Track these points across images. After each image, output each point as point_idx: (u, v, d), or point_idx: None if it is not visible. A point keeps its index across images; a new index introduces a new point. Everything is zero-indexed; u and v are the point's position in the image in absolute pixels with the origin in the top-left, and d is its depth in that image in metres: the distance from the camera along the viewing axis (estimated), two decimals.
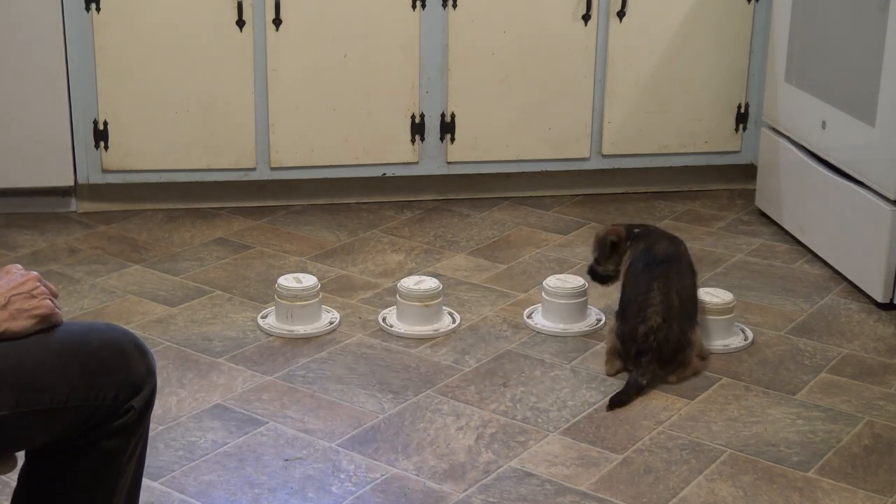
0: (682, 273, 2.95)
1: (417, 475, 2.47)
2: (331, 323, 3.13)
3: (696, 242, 3.78)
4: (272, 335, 3.09)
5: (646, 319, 2.83)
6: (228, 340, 3.05)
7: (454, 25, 3.86)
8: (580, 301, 3.15)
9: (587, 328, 3.13)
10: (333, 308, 3.21)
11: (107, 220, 3.86)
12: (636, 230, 3.07)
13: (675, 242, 3.02)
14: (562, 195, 4.17)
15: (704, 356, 2.93)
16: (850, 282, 3.44)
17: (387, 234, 3.80)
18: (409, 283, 3.15)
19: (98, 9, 3.68)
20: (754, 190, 4.06)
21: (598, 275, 3.12)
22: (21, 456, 1.85)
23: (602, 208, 4.07)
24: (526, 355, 3.00)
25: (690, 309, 2.93)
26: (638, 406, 2.76)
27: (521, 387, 2.85)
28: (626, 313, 2.90)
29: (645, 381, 2.79)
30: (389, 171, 3.97)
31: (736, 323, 3.11)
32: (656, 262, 2.93)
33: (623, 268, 3.02)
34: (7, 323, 1.75)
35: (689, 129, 4.10)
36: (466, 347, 3.04)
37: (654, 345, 2.81)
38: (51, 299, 1.80)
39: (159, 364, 2.90)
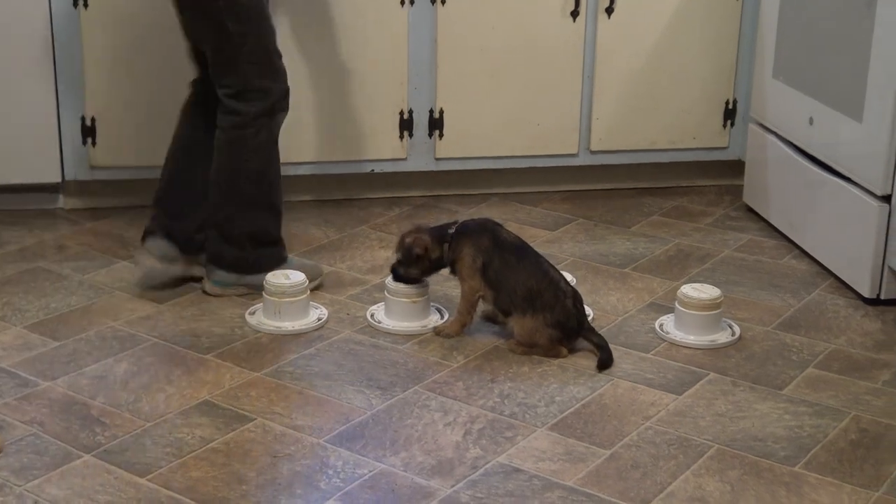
0: (535, 251, 3.08)
1: (405, 471, 2.47)
2: (319, 319, 3.13)
3: (685, 238, 3.78)
4: (260, 331, 3.08)
5: (566, 294, 2.96)
6: (216, 337, 3.05)
7: (442, 22, 3.86)
8: None
9: None
10: (321, 304, 3.21)
11: (94, 216, 3.86)
12: (450, 231, 3.03)
13: (502, 226, 3.06)
14: (550, 191, 4.17)
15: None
16: (837, 277, 3.45)
17: (375, 230, 3.80)
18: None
19: (86, 5, 3.67)
20: (742, 186, 4.07)
21: (399, 276, 3.08)
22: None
23: (590, 204, 4.07)
24: (514, 351, 3.00)
25: None
26: (625, 401, 2.76)
27: (509, 382, 2.85)
28: (539, 303, 2.94)
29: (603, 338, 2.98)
30: (377, 168, 3.97)
31: (723, 318, 3.12)
32: (519, 248, 3.02)
33: (468, 270, 3.00)
34: None
35: (677, 125, 4.11)
36: (454, 343, 3.04)
37: (582, 307, 3.00)
38: None
39: (146, 360, 2.91)
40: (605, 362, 2.92)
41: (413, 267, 3.06)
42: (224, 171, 3.21)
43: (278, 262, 3.26)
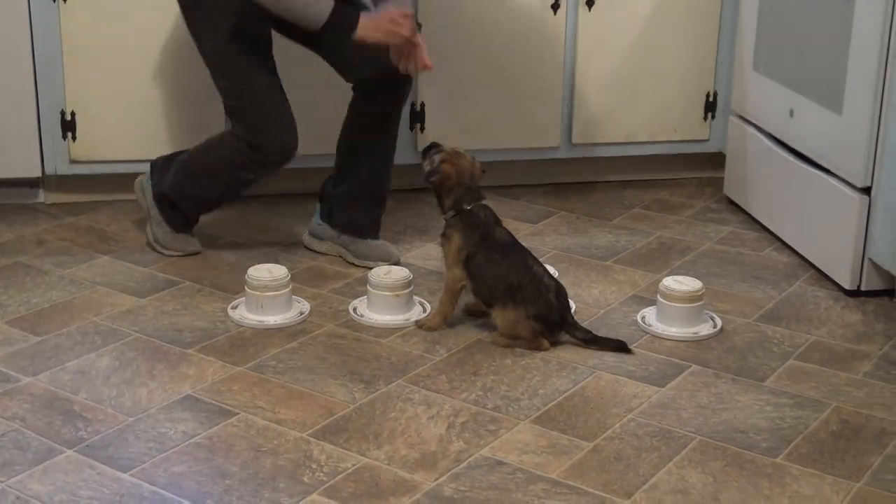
0: (524, 249, 3.07)
1: (389, 464, 2.47)
2: (301, 313, 3.13)
3: (666, 231, 3.79)
4: (242, 326, 3.08)
5: (548, 288, 2.97)
6: (198, 331, 3.04)
7: (424, 15, 3.86)
8: None
9: None
10: (304, 298, 3.21)
11: (75, 211, 3.84)
12: (465, 206, 3.03)
13: (499, 224, 3.06)
14: (531, 184, 4.18)
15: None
16: (817, 269, 3.47)
17: None
18: (380, 272, 3.15)
19: None
20: (723, 178, 4.09)
21: (425, 154, 3.12)
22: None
23: (572, 197, 4.08)
24: (497, 343, 3.00)
25: None
26: (608, 394, 2.77)
27: (492, 375, 2.85)
28: (520, 297, 2.95)
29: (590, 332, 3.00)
30: None
31: (705, 311, 3.13)
32: (506, 246, 3.01)
33: (453, 258, 3.01)
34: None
35: (658, 118, 4.12)
36: (437, 337, 3.04)
37: (566, 302, 3.00)
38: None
39: (129, 355, 2.90)
40: (618, 348, 2.96)
41: (426, 173, 3.06)
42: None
43: (173, 226, 3.48)
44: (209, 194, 3.45)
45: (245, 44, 3.23)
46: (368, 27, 3.08)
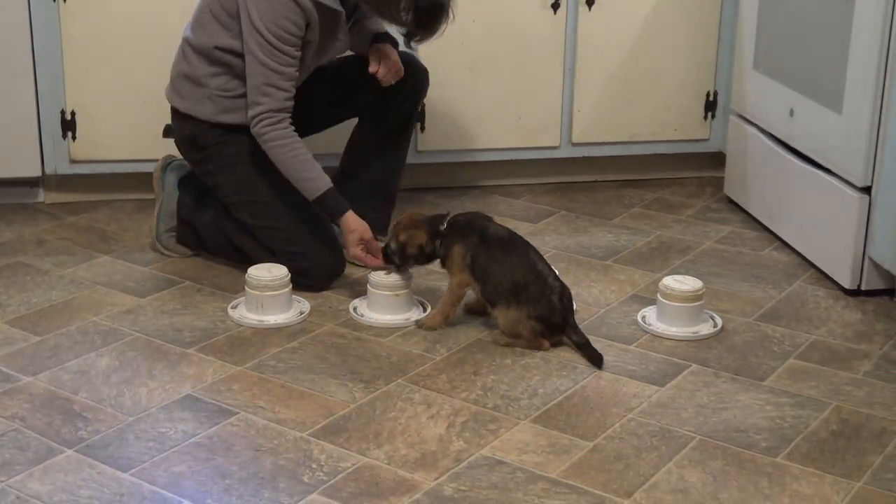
0: (526, 243, 3.05)
1: (389, 464, 2.47)
2: (301, 313, 3.13)
3: (666, 230, 3.79)
4: (242, 325, 3.08)
5: (552, 290, 2.95)
6: (198, 331, 3.04)
7: None
8: None
9: None
10: (304, 298, 3.21)
11: (75, 210, 3.84)
12: (441, 227, 3.02)
13: (492, 220, 3.07)
14: (532, 184, 4.18)
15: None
16: (817, 268, 3.47)
17: None
18: (380, 272, 3.15)
19: None
20: (723, 178, 4.09)
21: (391, 261, 3.10)
22: None
23: (572, 196, 4.08)
24: (497, 342, 3.00)
25: None
26: (608, 393, 2.77)
27: (492, 375, 2.85)
28: (524, 296, 2.93)
29: (584, 336, 2.96)
30: None
31: (705, 310, 3.13)
32: (507, 242, 3.00)
33: (458, 266, 2.99)
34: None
35: (658, 118, 4.12)
36: (437, 336, 3.04)
37: (569, 304, 2.97)
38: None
39: (129, 355, 2.90)
40: (594, 360, 2.91)
41: (405, 260, 3.06)
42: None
43: (180, 242, 3.47)
44: (242, 257, 3.37)
45: (264, 180, 3.23)
46: (349, 227, 3.16)
